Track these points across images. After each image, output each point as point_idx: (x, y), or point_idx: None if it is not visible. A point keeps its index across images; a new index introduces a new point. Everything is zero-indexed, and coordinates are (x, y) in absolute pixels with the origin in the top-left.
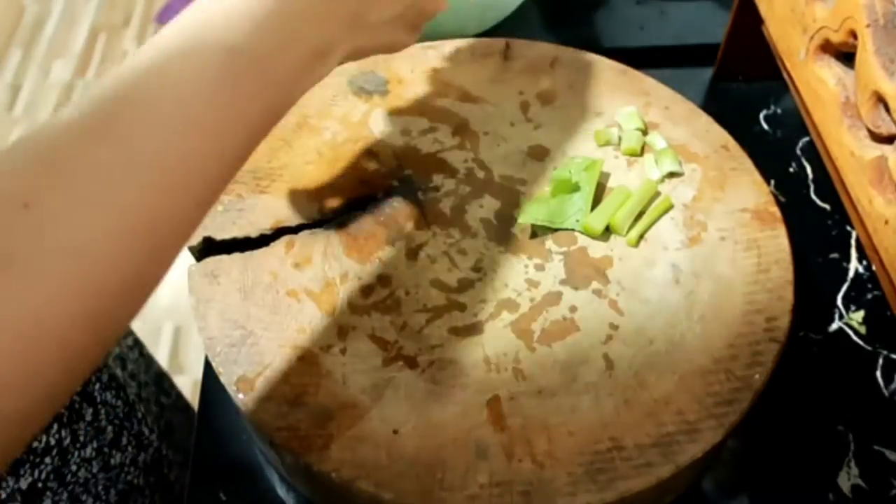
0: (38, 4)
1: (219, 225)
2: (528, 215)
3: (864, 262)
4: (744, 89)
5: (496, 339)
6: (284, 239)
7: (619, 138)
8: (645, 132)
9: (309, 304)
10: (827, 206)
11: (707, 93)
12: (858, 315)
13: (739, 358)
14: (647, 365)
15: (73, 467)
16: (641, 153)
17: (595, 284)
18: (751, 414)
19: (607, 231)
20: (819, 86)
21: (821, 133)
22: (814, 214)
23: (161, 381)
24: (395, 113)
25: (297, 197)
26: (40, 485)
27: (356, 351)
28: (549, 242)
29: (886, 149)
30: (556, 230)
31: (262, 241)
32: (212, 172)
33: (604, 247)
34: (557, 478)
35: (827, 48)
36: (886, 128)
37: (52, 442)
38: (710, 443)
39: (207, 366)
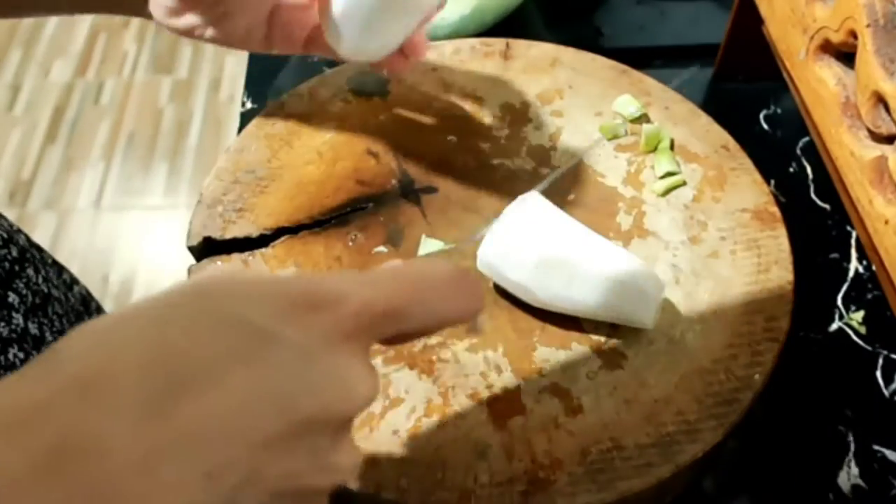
0: None
1: (219, 225)
2: None
3: (864, 262)
4: (744, 89)
5: (497, 339)
6: (284, 239)
7: (626, 131)
8: (647, 118)
9: None
10: (827, 206)
11: (707, 93)
12: (858, 315)
13: (739, 358)
14: (647, 365)
15: None
16: (656, 148)
17: None
18: (751, 414)
19: None
20: (819, 86)
21: (821, 133)
22: (814, 214)
23: None
24: (395, 113)
25: (297, 197)
26: None
27: None
28: None
29: (886, 149)
30: None
31: (262, 241)
32: None
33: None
34: (557, 478)
35: (827, 48)
36: (886, 128)
37: None
38: (710, 443)
39: None
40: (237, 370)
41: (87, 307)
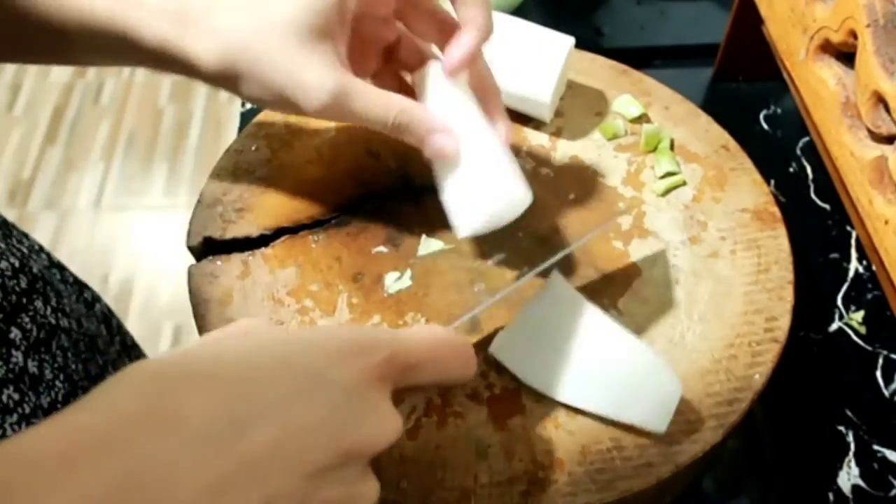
0: None
1: (219, 225)
2: None
3: (864, 262)
4: (744, 89)
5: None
6: (284, 239)
7: (626, 130)
8: (647, 118)
9: (309, 303)
10: (827, 206)
11: (707, 93)
12: (858, 315)
13: (739, 358)
14: None
15: None
16: (656, 148)
17: (595, 284)
18: (751, 414)
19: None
20: (819, 86)
21: (821, 133)
22: (814, 214)
23: None
24: None
25: (297, 197)
26: None
27: None
28: (550, 242)
29: (886, 149)
30: None
31: (262, 241)
32: None
33: (604, 247)
34: (557, 478)
35: (827, 48)
36: (886, 128)
37: None
38: (710, 443)
39: None
40: (293, 408)
41: (108, 325)
